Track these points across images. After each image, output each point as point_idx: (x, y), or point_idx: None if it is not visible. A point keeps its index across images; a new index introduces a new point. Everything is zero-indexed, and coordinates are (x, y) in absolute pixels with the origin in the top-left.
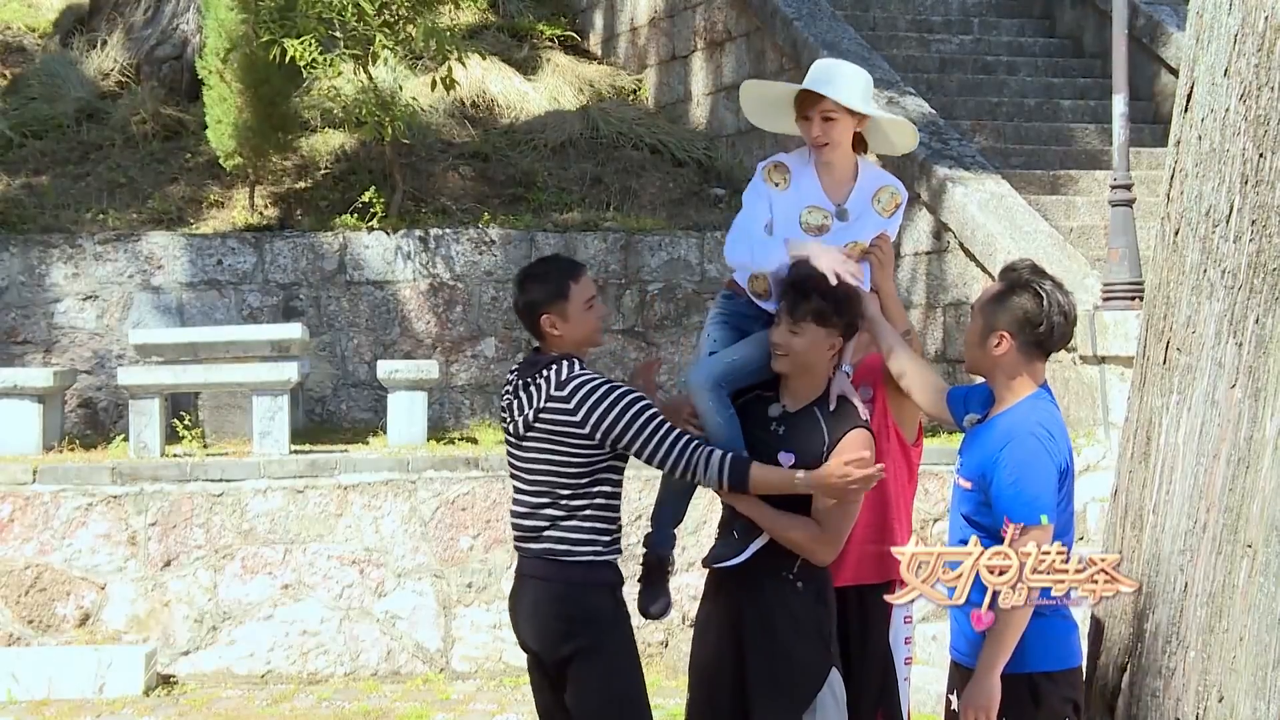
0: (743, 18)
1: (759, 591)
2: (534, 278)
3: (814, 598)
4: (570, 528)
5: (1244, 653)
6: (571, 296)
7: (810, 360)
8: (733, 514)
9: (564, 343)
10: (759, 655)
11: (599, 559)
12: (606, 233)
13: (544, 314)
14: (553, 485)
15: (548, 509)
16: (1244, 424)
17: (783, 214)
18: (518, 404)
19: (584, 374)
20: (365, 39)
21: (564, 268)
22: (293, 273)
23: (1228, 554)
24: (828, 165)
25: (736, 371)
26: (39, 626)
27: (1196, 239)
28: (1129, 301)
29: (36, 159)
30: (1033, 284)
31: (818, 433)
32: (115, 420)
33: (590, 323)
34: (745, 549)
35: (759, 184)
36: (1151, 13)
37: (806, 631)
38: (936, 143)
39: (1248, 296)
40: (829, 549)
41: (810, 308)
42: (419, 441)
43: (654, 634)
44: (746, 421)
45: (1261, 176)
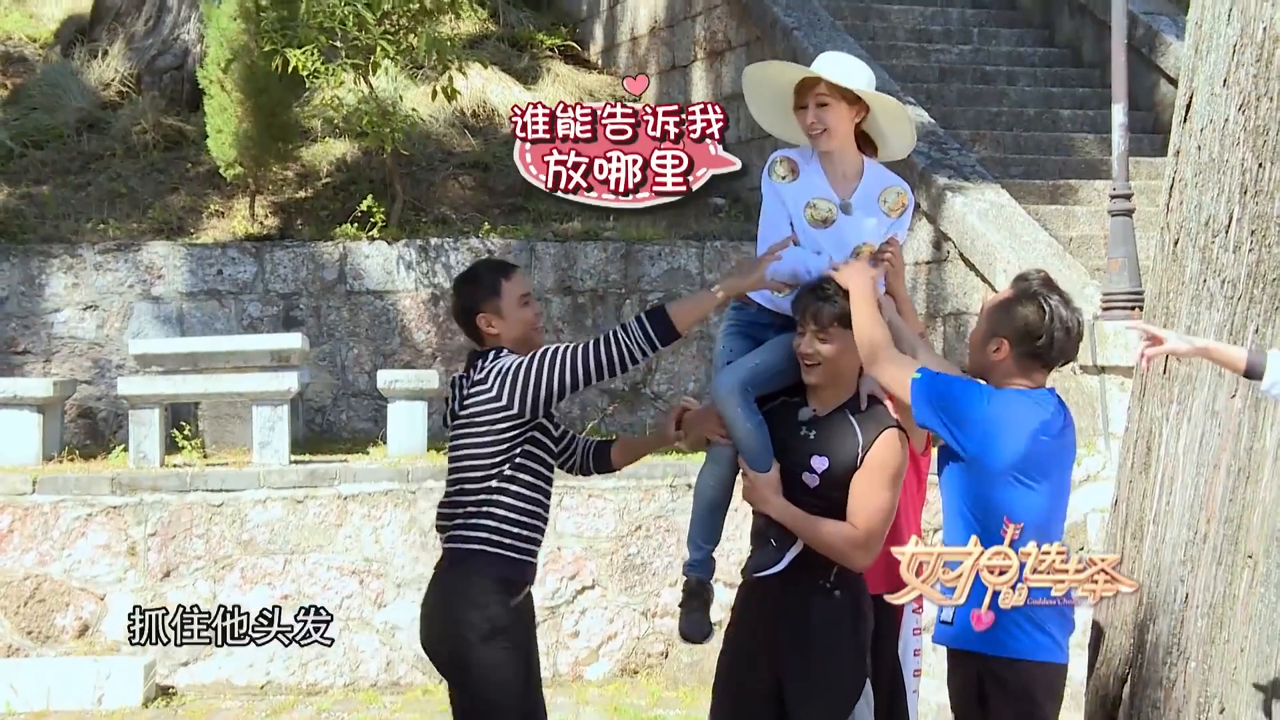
0: (743, 27)
1: (796, 601)
2: (466, 280)
3: (851, 606)
4: (474, 514)
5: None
6: (504, 294)
7: (842, 365)
8: (767, 522)
9: (502, 342)
10: (797, 665)
11: (495, 550)
12: (606, 242)
13: (479, 314)
14: (465, 473)
15: (457, 497)
16: (1244, 434)
17: (793, 204)
18: (449, 398)
19: (505, 358)
20: (366, 49)
21: (494, 266)
22: (293, 282)
23: (1228, 565)
24: (830, 158)
25: (761, 375)
26: (38, 637)
27: (1196, 249)
28: (1129, 311)
29: (37, 169)
30: (1039, 296)
31: (850, 435)
32: (115, 430)
33: (526, 318)
34: (784, 556)
35: (768, 184)
36: (1150, 23)
37: (844, 641)
38: (936, 152)
39: (1247, 306)
40: (865, 553)
41: (835, 312)
42: (419, 451)
43: (654, 644)
44: (776, 427)
45: (1261, 186)
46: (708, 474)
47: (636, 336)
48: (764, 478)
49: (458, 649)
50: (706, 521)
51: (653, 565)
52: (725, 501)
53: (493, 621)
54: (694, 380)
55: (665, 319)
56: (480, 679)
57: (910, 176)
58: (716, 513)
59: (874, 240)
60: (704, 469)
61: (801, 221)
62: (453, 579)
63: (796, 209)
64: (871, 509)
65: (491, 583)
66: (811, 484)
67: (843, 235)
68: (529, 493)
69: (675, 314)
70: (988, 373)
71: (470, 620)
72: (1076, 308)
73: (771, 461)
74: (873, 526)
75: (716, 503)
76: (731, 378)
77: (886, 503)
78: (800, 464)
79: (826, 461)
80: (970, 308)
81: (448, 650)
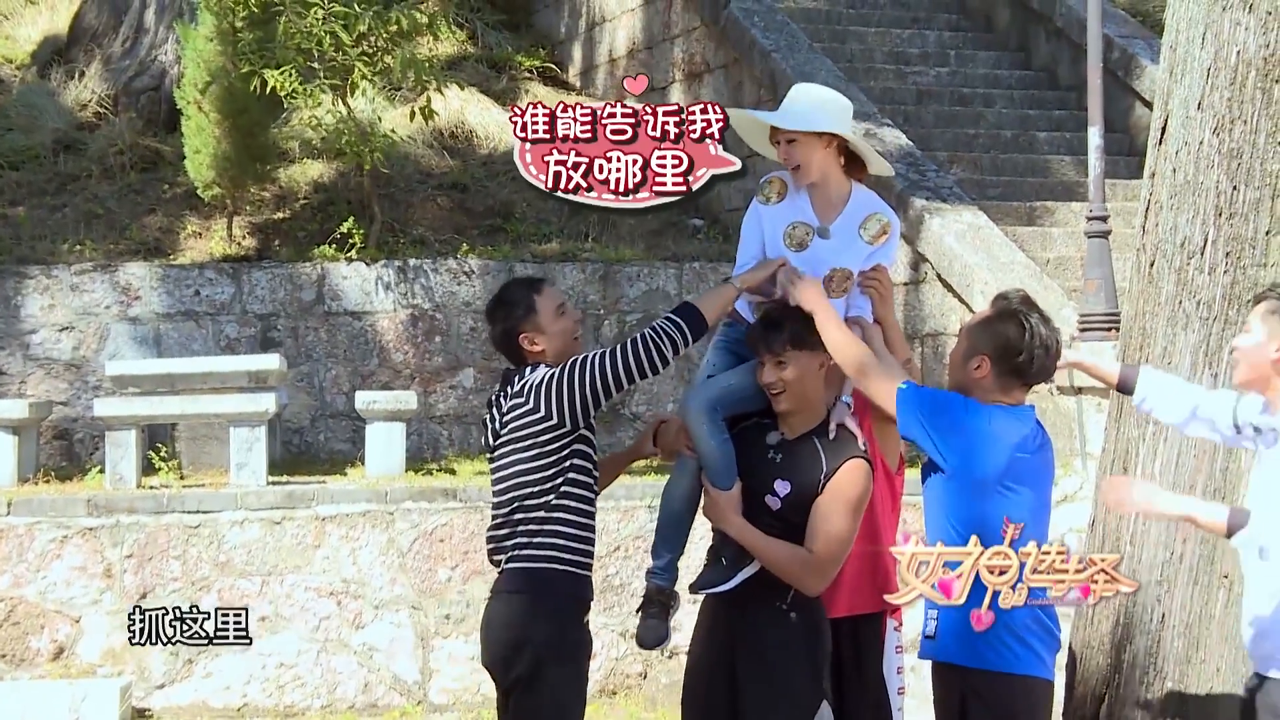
0: (721, 49)
1: (752, 621)
2: (500, 303)
3: (807, 628)
4: (538, 533)
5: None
6: (540, 309)
7: (806, 388)
8: (723, 540)
9: (547, 357)
10: (751, 686)
11: (562, 568)
12: (585, 263)
13: (521, 334)
14: (519, 490)
15: (515, 514)
16: (1220, 455)
17: (771, 228)
18: (489, 419)
19: (539, 371)
20: (344, 69)
21: (525, 284)
22: (270, 303)
23: (1204, 585)
24: (816, 187)
25: (731, 396)
26: (12, 660)
27: (1172, 270)
28: (1105, 332)
29: (13, 190)
30: (1019, 314)
31: (816, 462)
32: (91, 452)
33: (567, 327)
34: (734, 576)
35: (753, 205)
36: (1126, 46)
37: (798, 662)
38: (914, 174)
39: (1223, 327)
40: (819, 579)
41: (785, 336)
42: (397, 472)
43: (632, 665)
44: (743, 448)
45: (1235, 209)
46: (674, 484)
47: (670, 332)
48: (725, 495)
49: (535, 669)
50: (670, 530)
51: (631, 586)
52: (690, 512)
53: (571, 641)
54: (672, 400)
55: (696, 311)
56: (553, 700)
57: (888, 198)
58: (681, 522)
59: (851, 266)
60: (671, 479)
61: (779, 244)
62: (528, 600)
63: (775, 231)
64: (829, 535)
65: (566, 601)
66: (774, 506)
67: (817, 259)
68: (586, 506)
69: (703, 307)
70: (968, 391)
71: (551, 640)
72: (1055, 327)
73: (734, 480)
74: (828, 552)
75: (681, 513)
76: (702, 396)
77: (845, 530)
78: (764, 486)
79: (789, 486)
80: (948, 329)
81: (525, 669)
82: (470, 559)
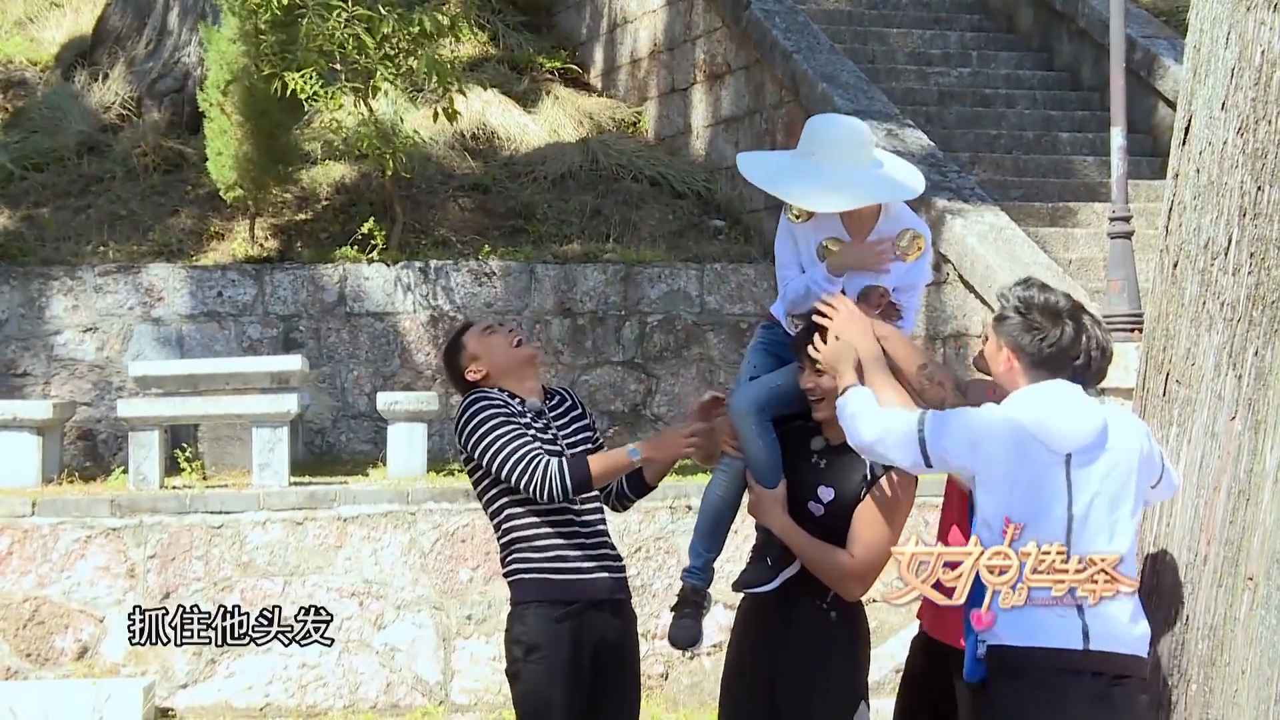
0: (742, 51)
1: (793, 620)
2: (444, 355)
3: (847, 628)
4: (502, 548)
5: (1246, 687)
6: (466, 342)
7: None
8: (768, 539)
9: (493, 379)
10: (790, 685)
11: (530, 577)
12: (606, 264)
13: (464, 371)
14: (485, 512)
15: (495, 532)
16: (1244, 456)
17: (805, 244)
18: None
19: (465, 403)
20: (366, 71)
21: (457, 331)
22: (293, 304)
23: (1229, 587)
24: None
25: (778, 397)
26: (37, 660)
27: (1195, 271)
28: (1128, 333)
29: (37, 192)
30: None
31: (859, 468)
32: (115, 452)
33: (496, 341)
34: (776, 576)
35: (782, 221)
36: (1149, 46)
37: (838, 663)
38: (935, 175)
39: (1247, 329)
40: (858, 584)
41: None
42: (418, 473)
43: (654, 665)
44: (788, 453)
45: (1260, 209)
46: (717, 484)
47: (555, 474)
48: (771, 493)
49: (508, 669)
50: (709, 530)
51: (653, 587)
52: (730, 513)
53: (531, 638)
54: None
55: (586, 473)
56: (522, 695)
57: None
58: (720, 522)
59: (886, 283)
60: (714, 478)
61: (813, 258)
62: (510, 611)
63: (809, 248)
64: (870, 541)
65: (533, 604)
66: (816, 513)
67: (854, 277)
68: (534, 518)
69: (594, 466)
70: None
71: (515, 638)
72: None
73: (780, 479)
74: (869, 558)
75: (721, 513)
76: (750, 396)
77: (885, 537)
78: (807, 493)
79: (833, 492)
80: (970, 329)
81: (509, 668)
82: (492, 559)
